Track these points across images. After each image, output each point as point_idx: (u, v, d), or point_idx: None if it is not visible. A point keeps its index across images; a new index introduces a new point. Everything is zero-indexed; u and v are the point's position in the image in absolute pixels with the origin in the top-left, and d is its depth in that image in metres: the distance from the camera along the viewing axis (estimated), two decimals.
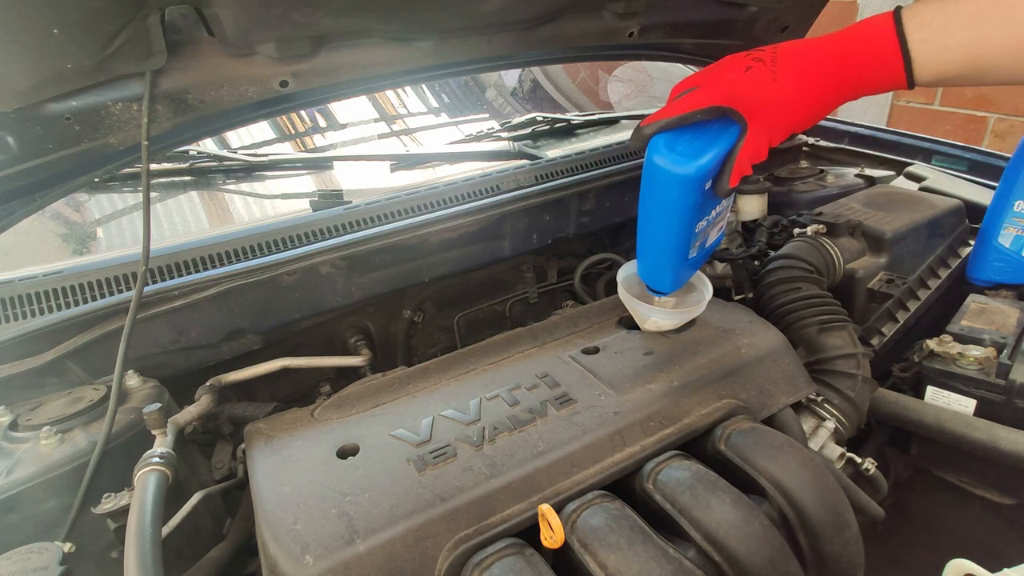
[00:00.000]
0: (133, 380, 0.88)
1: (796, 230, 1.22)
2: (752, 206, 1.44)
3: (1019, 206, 1.18)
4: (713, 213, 0.80)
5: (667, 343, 0.90)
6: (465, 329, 1.35)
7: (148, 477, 0.69)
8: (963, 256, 1.32)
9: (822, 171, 1.64)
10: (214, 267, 1.00)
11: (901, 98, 2.94)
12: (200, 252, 1.01)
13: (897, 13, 0.64)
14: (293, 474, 0.70)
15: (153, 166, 1.34)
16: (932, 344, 1.07)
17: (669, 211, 0.73)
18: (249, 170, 1.44)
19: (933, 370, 1.04)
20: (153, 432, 0.77)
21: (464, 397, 0.81)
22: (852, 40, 0.66)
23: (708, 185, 0.71)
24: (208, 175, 1.40)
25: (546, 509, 0.63)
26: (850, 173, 1.60)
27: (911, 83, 0.65)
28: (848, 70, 0.66)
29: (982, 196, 1.40)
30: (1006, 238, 1.20)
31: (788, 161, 1.75)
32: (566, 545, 0.62)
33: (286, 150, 1.66)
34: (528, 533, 0.65)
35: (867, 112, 3.03)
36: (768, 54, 0.68)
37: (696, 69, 1.91)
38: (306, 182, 1.46)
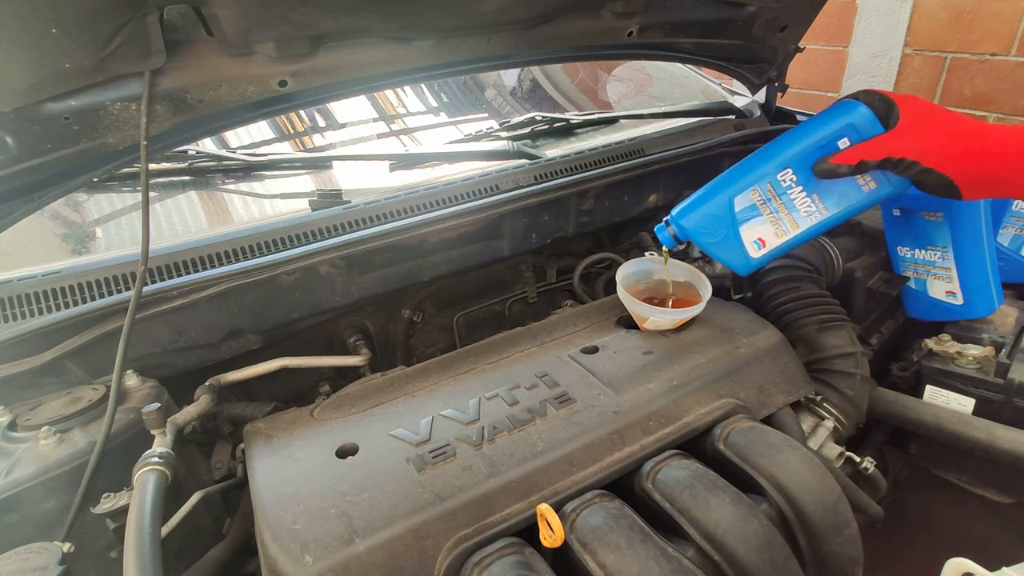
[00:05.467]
0: (132, 380, 0.88)
1: None
2: None
3: (1018, 205, 1.18)
4: (796, 191, 0.80)
5: (666, 342, 0.90)
6: (464, 329, 1.35)
7: (147, 477, 0.69)
8: None
9: None
10: (213, 267, 1.00)
11: None
12: (199, 252, 1.01)
13: None
14: (292, 474, 0.70)
15: (152, 166, 1.33)
16: (931, 343, 1.07)
17: (805, 128, 0.78)
18: (248, 170, 1.43)
19: (932, 369, 1.04)
20: (152, 432, 0.77)
21: (463, 397, 0.81)
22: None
23: (843, 143, 0.74)
24: (207, 175, 1.40)
25: (545, 509, 0.63)
26: None
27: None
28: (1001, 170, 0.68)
29: None
30: (1005, 237, 1.20)
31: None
32: (565, 544, 0.62)
33: (285, 150, 1.66)
34: (527, 533, 0.65)
35: None
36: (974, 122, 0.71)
37: (695, 69, 1.92)
38: (305, 182, 1.46)
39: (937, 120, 0.69)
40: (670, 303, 0.97)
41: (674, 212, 0.85)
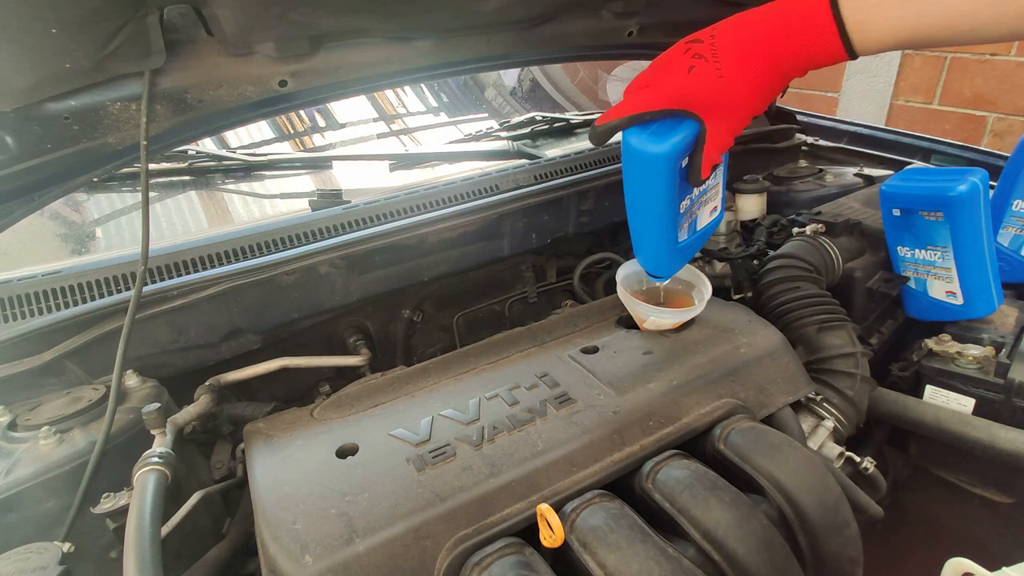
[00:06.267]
0: (132, 380, 0.88)
1: (795, 229, 1.22)
2: (751, 205, 1.44)
3: (1018, 205, 1.18)
4: (696, 192, 0.80)
5: (666, 342, 0.90)
6: (464, 329, 1.35)
7: (147, 477, 0.69)
8: None
9: (821, 170, 1.65)
10: (213, 267, 1.00)
11: (900, 97, 2.94)
12: (199, 252, 1.01)
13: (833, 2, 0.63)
14: (292, 474, 0.70)
15: (152, 166, 1.33)
16: (931, 343, 1.07)
17: (648, 191, 0.74)
18: (248, 170, 1.44)
19: (932, 369, 1.04)
20: (152, 432, 0.77)
21: (463, 397, 0.81)
22: (788, 17, 0.65)
23: (684, 163, 0.72)
24: (207, 175, 1.40)
25: (545, 509, 0.63)
26: (849, 172, 1.61)
27: (851, 54, 0.64)
28: (788, 50, 0.65)
29: None
30: (1005, 237, 1.20)
31: (787, 160, 1.76)
32: (565, 544, 0.62)
33: (285, 150, 1.66)
34: (527, 533, 0.65)
35: (866, 111, 3.03)
36: (708, 46, 0.68)
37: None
38: (305, 182, 1.46)
39: (725, 86, 0.66)
40: (670, 303, 0.97)
41: (651, 271, 0.86)
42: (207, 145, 1.47)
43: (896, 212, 1.12)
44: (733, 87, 0.66)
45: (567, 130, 1.69)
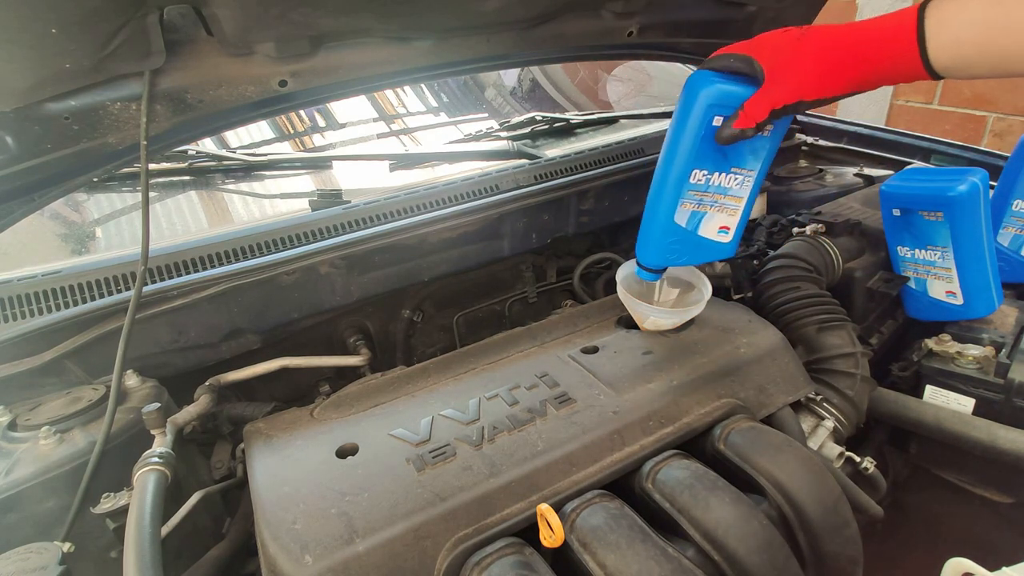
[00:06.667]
0: (132, 380, 0.88)
1: (795, 229, 1.22)
2: None
3: (1018, 205, 1.18)
4: (715, 179, 0.80)
5: (666, 342, 0.90)
6: (464, 329, 1.35)
7: (147, 477, 0.69)
8: None
9: (821, 170, 1.65)
10: (213, 267, 1.00)
11: (900, 97, 2.94)
12: (199, 252, 1.01)
13: (922, 6, 0.65)
14: (292, 474, 0.70)
15: (152, 166, 1.33)
16: (931, 343, 1.07)
17: (676, 132, 0.76)
18: (248, 170, 1.43)
19: (932, 369, 1.04)
20: (152, 432, 0.77)
21: (463, 397, 0.81)
22: (876, 24, 0.68)
23: (717, 121, 0.74)
24: (207, 175, 1.40)
25: (545, 509, 0.63)
26: (849, 172, 1.61)
27: (928, 67, 0.65)
28: (865, 50, 0.68)
29: None
30: (1005, 237, 1.20)
31: (787, 160, 1.76)
32: (565, 544, 0.62)
33: (285, 150, 1.66)
34: (527, 532, 0.65)
35: (866, 111, 3.03)
36: (805, 28, 0.72)
37: (695, 68, 1.91)
38: (305, 182, 1.46)
39: (797, 50, 0.70)
40: (670, 303, 0.97)
41: (638, 258, 0.86)
42: (207, 145, 1.47)
43: (896, 212, 1.12)
44: (804, 54, 0.69)
45: (567, 130, 1.69)
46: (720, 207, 0.82)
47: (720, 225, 0.84)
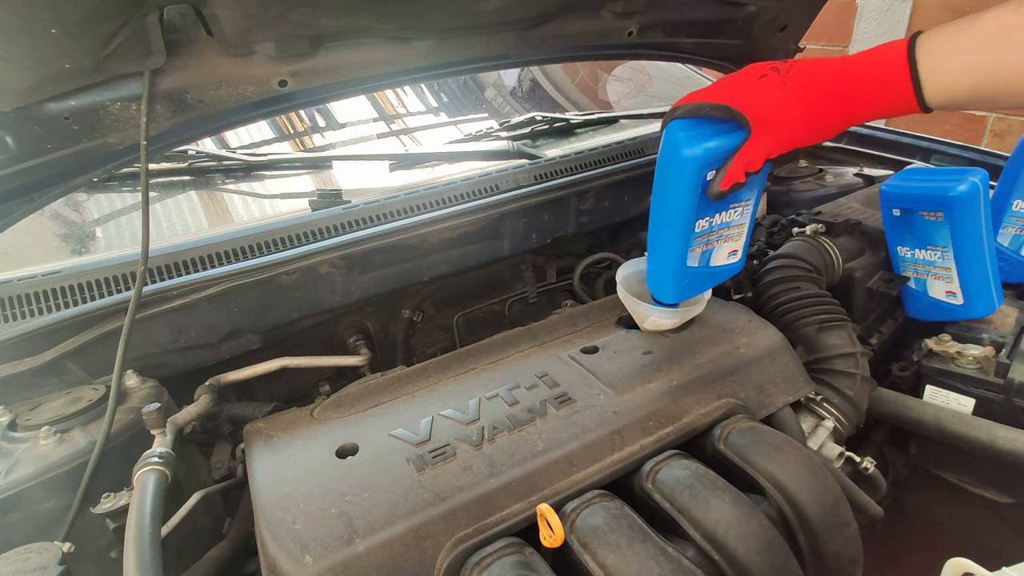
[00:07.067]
0: (132, 380, 0.88)
1: (795, 229, 1.22)
2: None
3: (1018, 205, 1.18)
4: (717, 219, 0.80)
5: (666, 342, 0.90)
6: (464, 329, 1.35)
7: (147, 477, 0.69)
8: None
9: (821, 170, 1.65)
10: (213, 267, 1.00)
11: None
12: (199, 252, 1.01)
13: (913, 38, 0.65)
14: (292, 474, 0.70)
15: (152, 166, 1.33)
16: (931, 343, 1.07)
17: (672, 194, 0.75)
18: (248, 170, 1.43)
19: (932, 369, 1.04)
20: (152, 432, 0.77)
21: (463, 397, 0.81)
22: (864, 61, 0.67)
23: (709, 175, 0.72)
24: (207, 175, 1.40)
25: (545, 509, 0.63)
26: (849, 172, 1.61)
27: (923, 106, 0.65)
28: (856, 90, 0.67)
29: None
30: (1004, 237, 1.20)
31: (787, 160, 1.76)
32: (565, 544, 0.62)
33: (285, 150, 1.66)
34: (527, 533, 0.65)
35: None
36: (785, 65, 0.70)
37: (695, 68, 1.92)
38: (305, 182, 1.46)
39: (783, 99, 0.68)
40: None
41: (656, 296, 0.87)
42: (207, 145, 1.47)
43: (896, 212, 1.12)
44: (791, 103, 0.68)
45: (567, 130, 1.69)
46: (726, 238, 0.84)
47: (729, 251, 0.86)
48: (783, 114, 0.68)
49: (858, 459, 0.92)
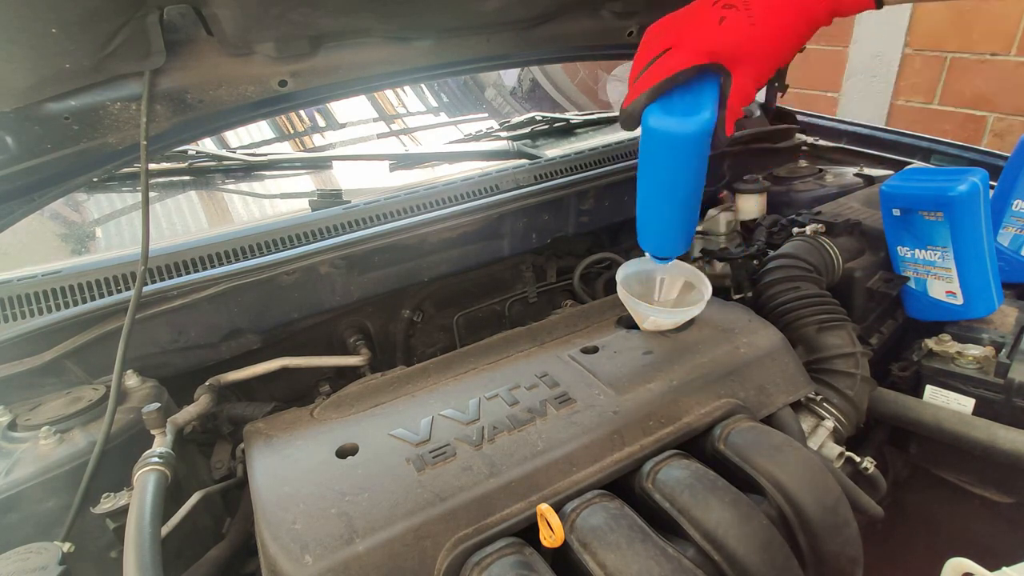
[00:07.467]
0: (132, 380, 0.88)
1: (795, 229, 1.22)
2: (751, 205, 1.44)
3: (1018, 205, 1.18)
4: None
5: (666, 342, 0.90)
6: (464, 329, 1.35)
7: (147, 477, 0.69)
8: None
9: (821, 170, 1.65)
10: (213, 267, 1.00)
11: (900, 97, 2.94)
12: (199, 252, 1.01)
13: None
14: (292, 474, 0.70)
15: (152, 166, 1.33)
16: (931, 343, 1.07)
17: (678, 173, 0.72)
18: (248, 170, 1.44)
19: (932, 369, 1.04)
20: (152, 432, 0.77)
21: (463, 397, 0.81)
22: None
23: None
24: (207, 175, 1.40)
25: (545, 509, 0.63)
26: (849, 172, 1.61)
27: (879, 2, 0.64)
28: (813, 4, 0.65)
29: None
30: (1005, 237, 1.20)
31: (787, 160, 1.76)
32: (565, 544, 0.62)
33: (285, 150, 1.66)
34: (527, 533, 0.65)
35: (866, 111, 3.03)
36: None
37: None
38: (305, 182, 1.46)
39: (754, 36, 0.65)
40: (670, 303, 0.97)
41: (661, 253, 0.87)
42: (207, 145, 1.47)
43: (896, 212, 1.12)
44: (765, 35, 0.65)
45: (567, 130, 1.69)
46: None
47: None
48: (761, 49, 0.65)
49: (858, 459, 0.92)
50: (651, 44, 0.69)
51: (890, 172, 1.59)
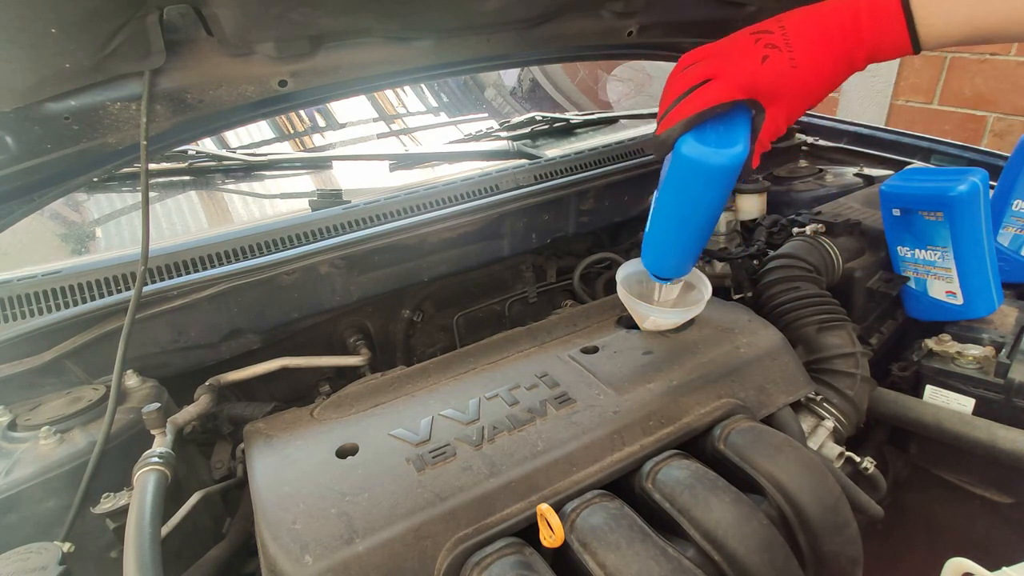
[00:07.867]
0: (132, 380, 0.88)
1: (795, 229, 1.22)
2: (751, 205, 1.44)
3: (1018, 205, 1.18)
4: None
5: (666, 342, 0.90)
6: (464, 329, 1.35)
7: (147, 477, 0.69)
8: None
9: (821, 170, 1.64)
10: (213, 267, 1.00)
11: (900, 97, 2.94)
12: (199, 252, 1.01)
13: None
14: (292, 474, 0.70)
15: (152, 166, 1.33)
16: (931, 343, 1.07)
17: (702, 202, 0.73)
18: (248, 170, 1.44)
19: (932, 369, 1.04)
20: (152, 432, 0.77)
21: (463, 397, 0.81)
22: (859, 9, 0.66)
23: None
24: (207, 175, 1.40)
25: (545, 509, 0.63)
26: (849, 172, 1.61)
27: (916, 48, 0.65)
28: (857, 42, 0.66)
29: None
30: (1005, 237, 1.20)
31: (787, 160, 1.76)
32: (565, 544, 0.62)
33: (285, 150, 1.66)
34: (527, 532, 0.65)
35: (866, 111, 3.03)
36: (779, 37, 0.68)
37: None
38: (305, 182, 1.46)
39: (796, 75, 0.67)
40: (670, 303, 0.97)
41: (670, 275, 0.88)
42: (207, 145, 1.47)
43: (896, 212, 1.12)
44: (804, 78, 0.67)
45: (567, 130, 1.69)
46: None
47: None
48: (798, 90, 0.67)
49: (858, 459, 0.92)
50: (689, 73, 0.71)
51: (890, 172, 1.59)
